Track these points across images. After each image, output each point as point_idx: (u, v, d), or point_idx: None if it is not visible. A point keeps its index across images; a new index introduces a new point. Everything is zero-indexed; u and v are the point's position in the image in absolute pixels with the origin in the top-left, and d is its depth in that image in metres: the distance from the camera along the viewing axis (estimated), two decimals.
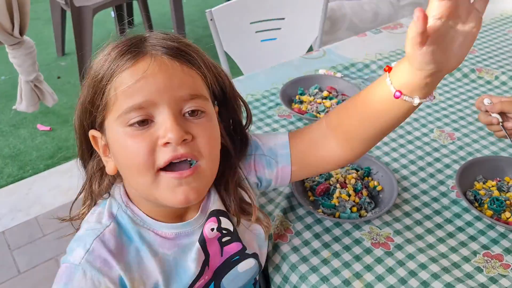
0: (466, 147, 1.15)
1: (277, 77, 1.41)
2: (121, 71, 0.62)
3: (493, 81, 1.39)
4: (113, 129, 0.64)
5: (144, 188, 0.66)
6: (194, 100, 0.64)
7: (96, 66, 0.65)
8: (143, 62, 0.63)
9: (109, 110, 0.64)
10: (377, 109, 0.68)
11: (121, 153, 0.65)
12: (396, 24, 1.72)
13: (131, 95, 0.62)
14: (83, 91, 0.67)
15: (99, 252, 0.66)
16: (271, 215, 0.97)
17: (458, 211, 0.98)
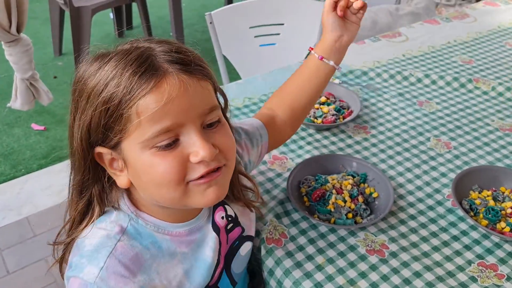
0: (462, 156, 1.15)
1: (275, 81, 1.41)
2: (143, 95, 0.60)
3: (490, 92, 1.40)
4: (136, 151, 0.63)
5: (173, 200, 0.67)
6: (213, 112, 0.66)
7: (104, 87, 0.61)
8: (165, 84, 0.61)
9: (129, 134, 0.62)
10: (309, 75, 0.94)
11: (148, 173, 0.64)
12: (395, 33, 1.72)
13: (158, 120, 0.61)
14: (89, 111, 0.63)
15: (113, 269, 0.65)
16: (263, 219, 0.96)
17: (454, 220, 0.98)
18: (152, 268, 0.69)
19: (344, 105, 1.27)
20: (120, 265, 0.66)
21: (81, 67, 0.65)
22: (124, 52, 0.63)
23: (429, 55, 1.58)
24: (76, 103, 0.65)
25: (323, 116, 1.21)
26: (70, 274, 0.67)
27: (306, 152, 1.14)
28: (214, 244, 0.76)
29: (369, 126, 1.24)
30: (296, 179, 1.02)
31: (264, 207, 0.99)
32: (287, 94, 0.96)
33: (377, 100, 1.34)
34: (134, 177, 0.66)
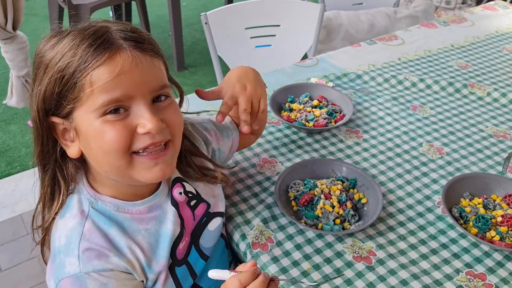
0: (454, 163, 1.14)
1: (268, 83, 1.39)
2: (97, 66, 0.64)
3: (485, 97, 1.39)
4: (87, 119, 0.67)
5: (120, 170, 0.70)
6: (163, 89, 0.71)
7: (60, 57, 0.65)
8: (119, 58, 0.65)
9: (82, 103, 0.66)
10: None
11: (98, 140, 0.68)
12: (391, 36, 1.71)
13: (109, 90, 0.65)
14: (44, 80, 0.67)
15: (89, 252, 0.70)
16: (250, 223, 0.95)
17: (443, 228, 0.97)
18: (121, 245, 0.73)
19: (337, 108, 1.26)
20: (93, 246, 0.71)
21: (41, 42, 0.69)
22: (82, 28, 0.67)
23: (425, 59, 1.57)
24: (35, 75, 0.69)
25: (315, 119, 1.20)
26: (59, 278, 0.70)
27: (296, 156, 1.13)
28: (173, 217, 0.79)
29: (361, 131, 1.23)
30: (284, 183, 1.01)
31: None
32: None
33: (371, 104, 1.33)
34: (84, 145, 0.70)
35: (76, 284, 0.70)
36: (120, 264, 0.72)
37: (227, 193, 1.02)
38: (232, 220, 0.96)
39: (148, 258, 0.75)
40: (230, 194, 1.02)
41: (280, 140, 1.18)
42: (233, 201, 1.00)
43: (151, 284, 0.77)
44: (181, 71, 3.21)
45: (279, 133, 1.20)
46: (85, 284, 0.69)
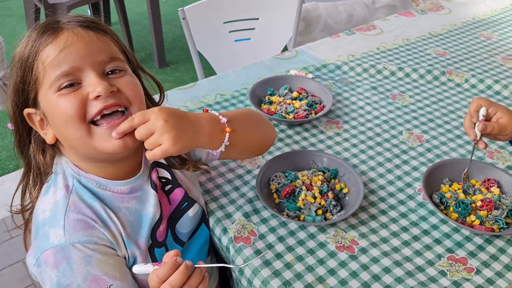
0: (434, 149, 1.14)
1: (248, 77, 1.39)
2: (44, 47, 0.71)
3: (463, 84, 1.40)
4: (46, 98, 0.72)
5: (81, 142, 0.73)
6: (113, 62, 0.75)
7: (20, 49, 0.73)
8: (62, 36, 0.72)
9: (40, 83, 0.72)
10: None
11: (56, 113, 0.72)
12: (369, 26, 1.71)
13: (57, 65, 0.71)
14: (13, 74, 0.74)
15: (75, 223, 0.73)
16: (231, 216, 0.95)
17: (424, 214, 0.97)
18: (105, 218, 0.76)
19: (316, 100, 1.26)
20: (79, 217, 0.73)
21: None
22: (41, 22, 0.75)
23: (403, 48, 1.58)
24: (10, 74, 0.76)
25: (295, 111, 1.20)
26: (41, 250, 0.72)
27: (277, 148, 1.13)
28: (154, 200, 0.82)
29: (342, 121, 1.23)
30: (266, 176, 1.01)
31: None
32: None
33: (350, 94, 1.33)
34: (52, 126, 0.74)
35: (59, 255, 0.71)
36: (105, 238, 0.74)
37: (207, 188, 1.01)
38: (213, 214, 0.95)
39: (128, 235, 0.78)
40: (210, 189, 1.01)
41: None
42: (214, 196, 0.99)
43: (131, 262, 0.79)
44: (163, 68, 3.18)
45: None
46: (69, 255, 0.71)
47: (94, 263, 0.72)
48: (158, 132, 0.70)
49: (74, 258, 0.71)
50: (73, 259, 0.71)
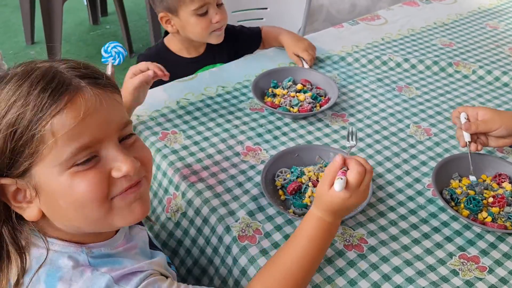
0: (442, 143, 1.11)
1: (250, 69, 1.35)
2: (56, 112, 0.57)
3: (471, 75, 1.36)
4: (50, 174, 0.60)
5: (98, 221, 0.64)
6: (128, 126, 0.66)
7: (7, 109, 0.58)
8: (80, 99, 0.59)
9: (43, 156, 0.59)
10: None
11: (69, 195, 0.61)
12: (374, 16, 1.67)
13: (76, 137, 0.59)
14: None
15: (120, 278, 0.64)
16: (235, 214, 0.91)
17: (434, 211, 0.94)
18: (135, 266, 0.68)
19: (321, 92, 1.22)
20: (118, 273, 0.64)
21: None
22: (24, 72, 0.60)
23: (409, 38, 1.54)
24: None
25: (299, 104, 1.16)
26: None
27: (281, 143, 1.09)
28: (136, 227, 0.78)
29: (347, 114, 1.20)
30: (270, 172, 0.98)
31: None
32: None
33: (355, 87, 1.30)
34: (49, 204, 0.62)
35: None
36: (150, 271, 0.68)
37: (209, 184, 0.98)
38: (216, 212, 0.92)
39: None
40: (213, 184, 0.98)
41: (264, 127, 1.14)
42: (216, 192, 0.96)
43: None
44: None
45: (263, 120, 1.16)
46: None
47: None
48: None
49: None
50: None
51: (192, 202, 0.96)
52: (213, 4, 1.29)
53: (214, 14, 1.29)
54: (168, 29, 1.34)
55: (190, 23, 1.30)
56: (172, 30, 1.34)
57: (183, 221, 0.96)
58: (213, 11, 1.30)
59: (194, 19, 1.29)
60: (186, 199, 0.97)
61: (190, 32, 1.33)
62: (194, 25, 1.30)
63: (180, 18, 1.30)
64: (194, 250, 0.95)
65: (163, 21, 1.33)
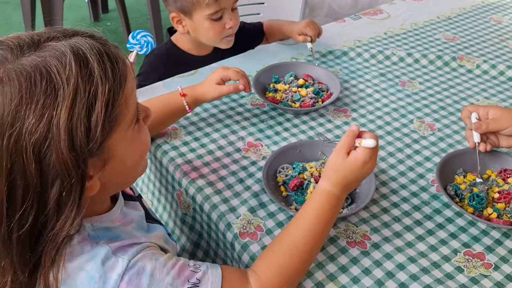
0: (446, 139, 1.10)
1: (251, 64, 1.34)
2: (125, 74, 0.61)
3: (474, 70, 1.34)
4: (122, 138, 0.62)
5: (145, 164, 0.74)
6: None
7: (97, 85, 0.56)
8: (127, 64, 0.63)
9: (118, 124, 0.61)
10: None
11: (136, 146, 0.67)
12: (376, 10, 1.65)
13: (133, 96, 0.64)
14: (62, 112, 0.54)
15: (120, 248, 0.65)
16: (236, 210, 0.90)
17: (438, 207, 0.93)
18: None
19: (323, 87, 1.21)
20: (120, 244, 0.65)
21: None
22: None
23: (412, 33, 1.52)
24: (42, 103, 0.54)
25: (301, 99, 1.15)
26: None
27: (283, 139, 1.08)
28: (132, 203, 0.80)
29: (350, 109, 1.18)
30: (272, 168, 0.96)
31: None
32: None
33: (358, 82, 1.28)
34: (112, 171, 0.63)
35: (133, 277, 0.63)
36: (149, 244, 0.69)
37: (210, 180, 0.96)
38: (217, 208, 0.91)
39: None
40: (214, 181, 0.96)
41: (265, 123, 1.12)
42: (218, 188, 0.95)
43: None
44: None
45: (264, 115, 1.15)
46: (141, 266, 0.64)
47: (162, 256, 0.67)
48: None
49: (147, 267, 0.64)
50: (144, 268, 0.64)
51: (195, 199, 0.95)
52: (228, 9, 1.27)
53: (229, 20, 1.27)
54: (179, 29, 1.31)
55: (204, 27, 1.27)
56: (182, 31, 1.31)
57: (196, 215, 0.96)
58: (227, 16, 1.27)
59: (208, 23, 1.26)
60: (190, 196, 0.96)
61: (202, 35, 1.30)
62: (208, 30, 1.27)
63: (193, 21, 1.27)
64: (212, 243, 0.95)
65: (174, 21, 1.30)
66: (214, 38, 1.30)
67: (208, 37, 1.30)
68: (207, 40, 1.32)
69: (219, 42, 1.32)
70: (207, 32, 1.28)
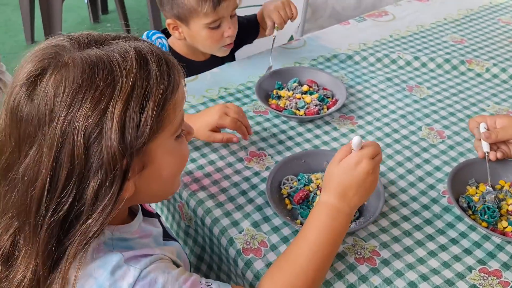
0: (457, 147, 1.06)
1: (253, 69, 1.30)
2: (178, 82, 0.63)
3: (484, 74, 1.30)
4: (163, 144, 0.63)
5: (179, 181, 0.77)
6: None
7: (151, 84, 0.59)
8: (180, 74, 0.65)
9: (163, 128, 0.61)
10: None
11: (179, 159, 0.69)
12: (381, 12, 1.61)
13: (181, 108, 0.66)
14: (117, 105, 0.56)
15: (133, 258, 0.63)
16: (239, 225, 0.86)
17: (451, 220, 0.89)
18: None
19: (328, 93, 1.17)
20: (133, 254, 0.63)
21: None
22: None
23: (418, 35, 1.48)
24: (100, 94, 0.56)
25: (306, 107, 1.11)
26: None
27: (287, 148, 1.04)
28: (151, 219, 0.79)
29: (356, 116, 1.14)
30: (276, 179, 0.92)
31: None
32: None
33: (364, 87, 1.24)
34: (150, 176, 0.63)
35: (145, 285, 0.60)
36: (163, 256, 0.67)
37: (211, 192, 0.92)
38: (219, 222, 0.87)
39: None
40: (215, 193, 0.92)
41: (268, 131, 1.08)
42: (219, 201, 0.91)
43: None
44: None
45: (267, 123, 1.11)
46: (153, 277, 0.61)
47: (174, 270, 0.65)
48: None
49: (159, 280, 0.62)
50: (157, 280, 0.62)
51: (196, 212, 0.91)
52: (227, 17, 1.21)
53: (227, 28, 1.21)
54: (175, 35, 1.26)
55: (201, 35, 1.21)
56: (179, 37, 1.26)
57: (199, 229, 0.93)
58: (226, 24, 1.21)
59: (206, 32, 1.20)
60: (191, 208, 0.92)
61: (199, 43, 1.25)
62: (205, 38, 1.22)
63: (190, 28, 1.21)
64: (215, 257, 0.91)
65: (170, 27, 1.24)
66: (211, 47, 1.26)
67: (205, 45, 1.26)
68: (204, 48, 1.27)
69: (217, 50, 1.28)
70: (205, 41, 1.23)
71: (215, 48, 1.26)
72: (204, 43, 1.24)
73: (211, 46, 1.25)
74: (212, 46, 1.25)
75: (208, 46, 1.26)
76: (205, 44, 1.25)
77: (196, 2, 1.14)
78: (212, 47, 1.25)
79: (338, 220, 0.74)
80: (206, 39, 1.22)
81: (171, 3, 1.17)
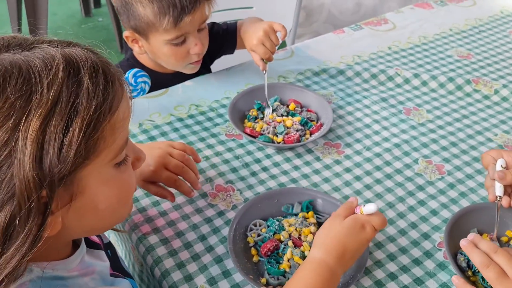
0: (458, 185, 0.91)
1: (232, 83, 1.15)
2: (120, 98, 0.52)
3: (492, 96, 1.15)
4: (100, 173, 0.52)
5: (126, 212, 0.63)
6: None
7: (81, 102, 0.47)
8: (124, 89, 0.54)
9: (98, 153, 0.50)
10: None
11: (121, 188, 0.56)
12: (380, 20, 1.46)
13: (124, 129, 0.53)
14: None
15: None
16: (192, 280, 0.72)
17: (446, 280, 0.75)
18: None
19: (312, 116, 1.02)
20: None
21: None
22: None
23: (420, 48, 1.33)
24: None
25: (285, 132, 0.96)
26: None
27: (260, 182, 0.89)
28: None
29: (343, 144, 0.99)
30: (242, 224, 0.78)
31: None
32: None
33: (355, 108, 1.09)
34: (82, 210, 0.52)
35: None
36: None
37: (165, 236, 0.78)
38: (169, 276, 0.73)
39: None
40: (169, 237, 0.78)
41: (240, 159, 0.94)
42: (173, 248, 0.77)
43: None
44: None
45: (241, 149, 0.96)
46: None
47: None
48: None
49: None
50: None
51: (145, 260, 0.77)
52: (193, 32, 1.03)
53: (194, 45, 1.03)
54: (135, 49, 1.09)
55: (163, 52, 1.04)
56: (139, 51, 1.09)
57: (150, 278, 0.79)
58: (192, 40, 1.03)
59: (168, 48, 1.03)
60: (140, 254, 0.78)
61: (161, 60, 1.09)
62: (168, 55, 1.05)
63: (150, 43, 1.04)
64: None
65: (128, 40, 1.07)
66: (175, 64, 1.09)
67: (168, 63, 1.09)
68: (168, 65, 1.11)
69: (182, 68, 1.11)
70: (168, 58, 1.06)
71: (180, 66, 1.10)
72: (167, 60, 1.07)
73: (175, 64, 1.08)
74: (176, 64, 1.08)
75: (171, 64, 1.09)
76: (169, 62, 1.08)
77: (154, 16, 0.97)
78: (176, 65, 1.09)
79: (330, 282, 0.64)
80: (169, 56, 1.05)
81: (128, 14, 1.00)
